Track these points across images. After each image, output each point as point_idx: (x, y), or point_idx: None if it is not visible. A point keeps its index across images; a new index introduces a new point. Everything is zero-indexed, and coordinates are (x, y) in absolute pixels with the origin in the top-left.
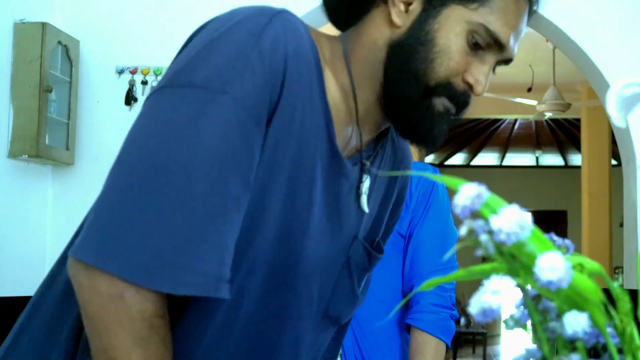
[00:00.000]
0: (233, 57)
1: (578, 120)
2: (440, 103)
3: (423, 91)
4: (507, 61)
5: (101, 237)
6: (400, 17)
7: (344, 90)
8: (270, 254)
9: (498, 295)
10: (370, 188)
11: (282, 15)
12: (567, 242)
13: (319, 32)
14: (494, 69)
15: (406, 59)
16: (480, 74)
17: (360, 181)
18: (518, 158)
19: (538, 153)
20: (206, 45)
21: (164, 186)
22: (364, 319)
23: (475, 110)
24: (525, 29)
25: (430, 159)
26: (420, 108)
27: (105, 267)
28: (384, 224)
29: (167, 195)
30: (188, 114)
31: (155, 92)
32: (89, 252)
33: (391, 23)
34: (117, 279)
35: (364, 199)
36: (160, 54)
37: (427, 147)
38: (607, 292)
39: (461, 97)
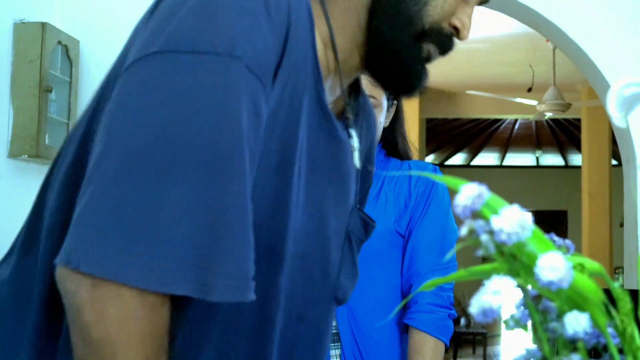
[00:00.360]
0: (239, 15)
1: (578, 120)
2: (427, 49)
3: (416, 36)
4: (484, 2)
5: (110, 242)
6: None
7: (322, 40)
8: (260, 230)
9: (498, 295)
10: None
11: None
12: (568, 242)
13: None
14: None
15: (397, 2)
16: (466, 17)
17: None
18: (518, 158)
19: (538, 153)
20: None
21: (180, 173)
22: (363, 319)
23: (475, 110)
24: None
25: (430, 158)
26: (411, 54)
27: (125, 280)
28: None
29: (185, 184)
30: (198, 86)
31: (148, 56)
32: (96, 261)
33: None
34: (131, 295)
35: (356, 156)
36: None
37: (412, 96)
38: (607, 292)
39: (447, 43)
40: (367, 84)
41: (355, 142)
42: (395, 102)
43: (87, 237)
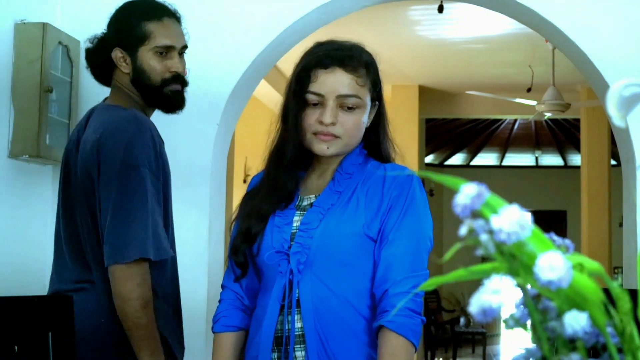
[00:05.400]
0: None
1: (577, 120)
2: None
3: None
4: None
5: None
6: None
7: None
8: None
9: (498, 294)
10: None
11: None
12: (567, 241)
13: None
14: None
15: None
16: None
17: None
18: (518, 158)
19: (537, 153)
20: None
21: None
22: (329, 322)
23: (475, 111)
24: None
25: (430, 159)
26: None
27: None
28: None
29: None
30: None
31: None
32: None
33: None
34: None
35: None
36: None
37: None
38: (606, 291)
39: None
40: (352, 84)
41: None
42: (377, 102)
43: None
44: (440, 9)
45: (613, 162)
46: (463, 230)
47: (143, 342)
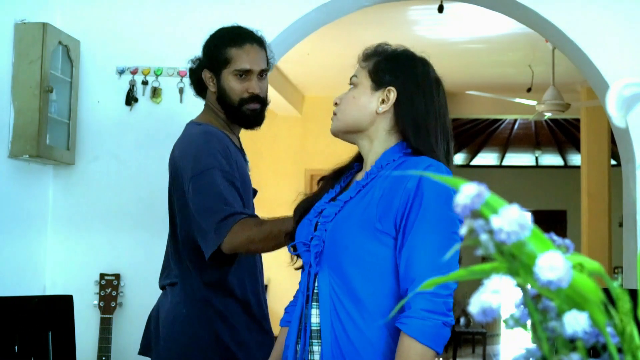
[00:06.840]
0: None
1: (577, 120)
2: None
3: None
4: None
5: None
6: None
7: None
8: None
9: (498, 294)
10: None
11: None
12: (567, 241)
13: None
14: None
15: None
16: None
17: None
18: (517, 158)
19: (537, 153)
20: None
21: None
22: (346, 318)
23: (475, 110)
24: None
25: None
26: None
27: None
28: None
29: None
30: None
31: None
32: None
33: None
34: None
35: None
36: (160, 54)
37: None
38: (606, 291)
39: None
40: (357, 67)
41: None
42: (392, 87)
43: None
44: (440, 9)
45: (613, 162)
46: (463, 230)
47: (275, 235)
